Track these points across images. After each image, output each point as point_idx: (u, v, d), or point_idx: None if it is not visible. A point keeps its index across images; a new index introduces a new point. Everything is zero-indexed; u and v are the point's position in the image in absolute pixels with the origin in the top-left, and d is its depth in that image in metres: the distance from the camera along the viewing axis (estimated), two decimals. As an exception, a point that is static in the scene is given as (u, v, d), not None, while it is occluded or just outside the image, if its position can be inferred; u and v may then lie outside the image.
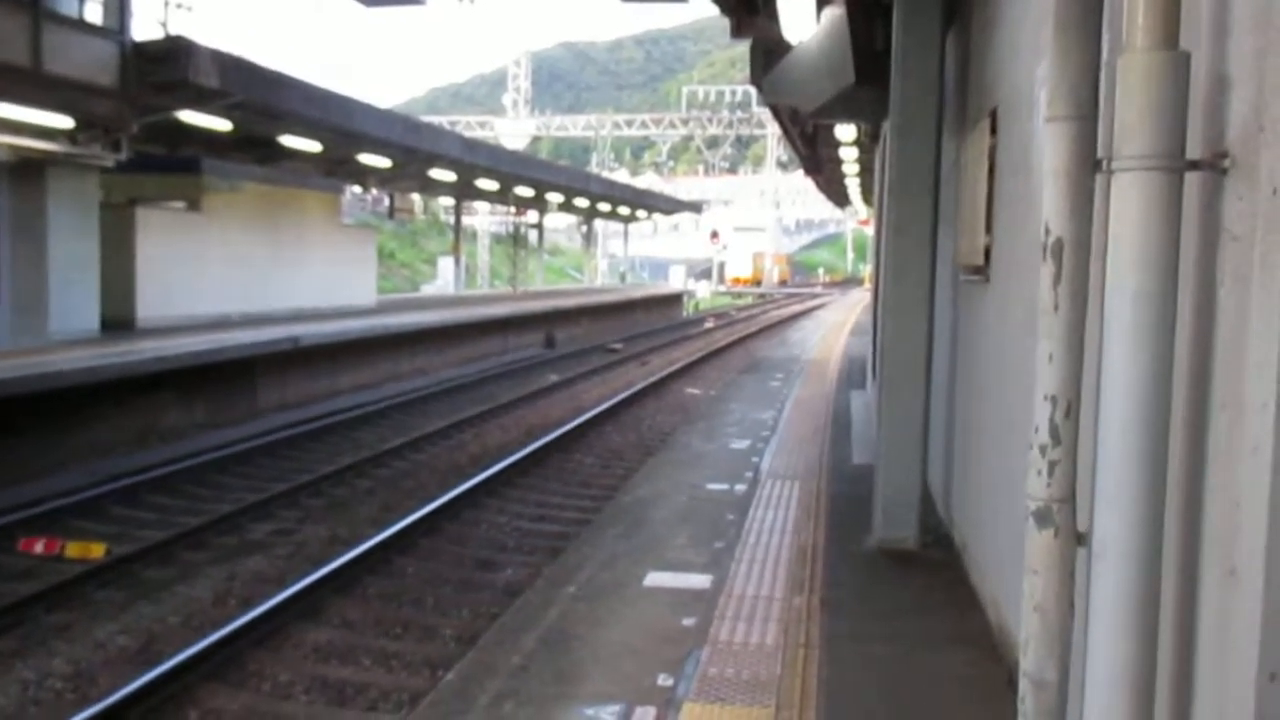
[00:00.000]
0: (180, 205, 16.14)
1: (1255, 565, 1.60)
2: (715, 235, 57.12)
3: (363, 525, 8.24)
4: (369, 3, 8.94)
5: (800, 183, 59.13)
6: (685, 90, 70.02)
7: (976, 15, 5.48)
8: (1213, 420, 1.83)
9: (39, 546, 7.42)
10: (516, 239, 38.94)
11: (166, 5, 15.55)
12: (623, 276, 51.10)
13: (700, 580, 5.01)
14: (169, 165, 16.41)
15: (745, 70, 10.23)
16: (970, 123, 5.41)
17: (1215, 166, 1.80)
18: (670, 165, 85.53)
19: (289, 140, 17.07)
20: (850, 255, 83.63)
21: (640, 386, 16.43)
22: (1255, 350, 1.64)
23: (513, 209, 35.40)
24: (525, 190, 29.47)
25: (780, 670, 3.89)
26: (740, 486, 7.11)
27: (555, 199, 33.01)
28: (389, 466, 10.66)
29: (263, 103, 14.35)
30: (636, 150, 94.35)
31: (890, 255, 5.76)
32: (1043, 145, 2.11)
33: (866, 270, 53.64)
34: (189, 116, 13.93)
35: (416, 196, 34.35)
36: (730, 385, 14.19)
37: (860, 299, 38.77)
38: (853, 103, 7.65)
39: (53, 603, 6.35)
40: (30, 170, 12.20)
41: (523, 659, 4.04)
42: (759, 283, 64.04)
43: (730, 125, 59.16)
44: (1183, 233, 1.83)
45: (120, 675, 5.27)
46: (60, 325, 12.58)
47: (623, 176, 64.52)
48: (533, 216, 37.84)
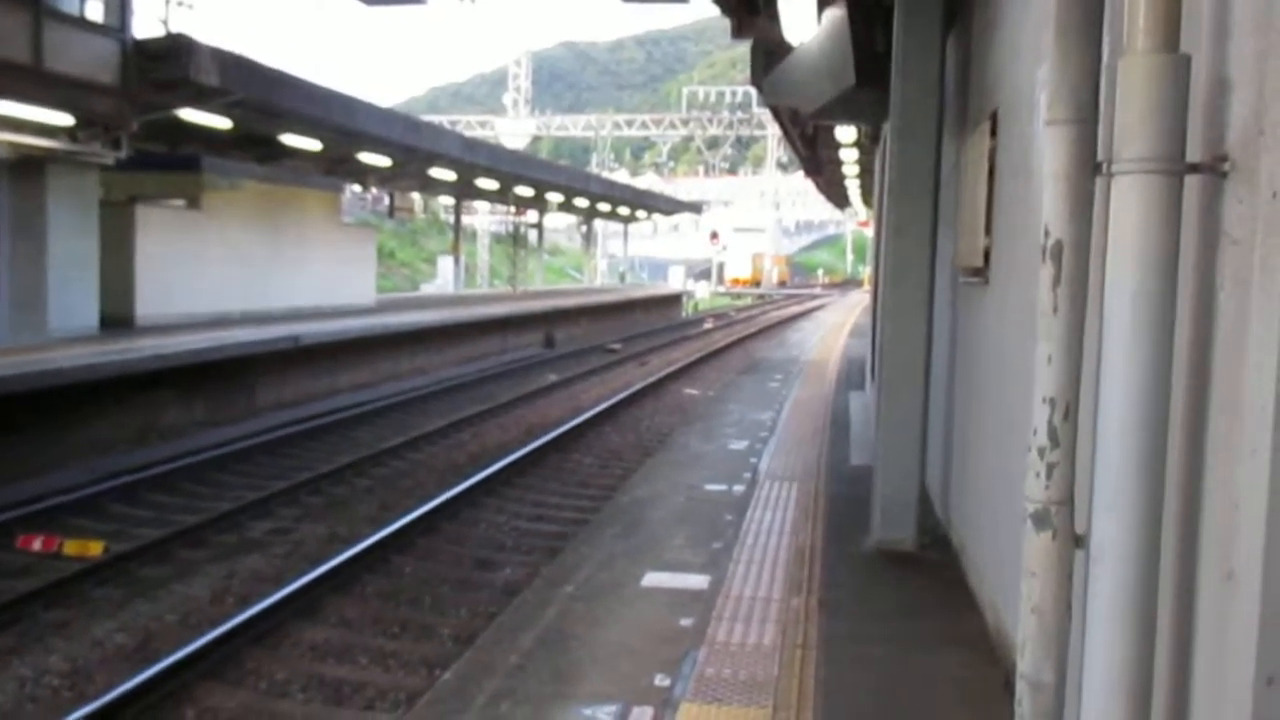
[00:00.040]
0: (180, 203, 16.13)
1: (1253, 568, 1.60)
2: (715, 236, 57.14)
3: (361, 524, 8.24)
4: (370, 1, 8.94)
5: (800, 184, 59.16)
6: (686, 91, 70.07)
7: (977, 17, 5.49)
8: (1211, 423, 1.83)
9: (37, 544, 7.42)
10: (516, 238, 38.93)
11: (167, 3, 15.52)
12: (622, 277, 51.10)
13: (698, 581, 5.01)
14: (169, 163, 16.40)
15: (746, 71, 10.23)
16: (970, 125, 5.42)
17: (1215, 170, 1.80)
18: (670, 166, 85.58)
19: (289, 139, 17.06)
20: (850, 257, 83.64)
21: (639, 387, 16.42)
22: (1254, 353, 1.64)
23: (512, 209, 35.40)
24: (525, 190, 29.47)
25: (777, 671, 3.89)
26: (738, 487, 7.11)
27: (555, 199, 33.01)
28: (388, 465, 10.66)
29: (263, 101, 14.35)
30: (637, 150, 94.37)
31: (890, 257, 5.77)
32: (1043, 148, 2.12)
33: (866, 272, 53.69)
34: (189, 114, 13.92)
35: (416, 196, 34.35)
36: (729, 386, 14.19)
37: (859, 300, 38.75)
38: (853, 104, 7.66)
39: (50, 600, 6.34)
40: (30, 168, 12.20)
41: (520, 659, 4.04)
42: (758, 284, 64.03)
43: (730, 126, 59.21)
44: (1182, 236, 1.83)
45: (117, 673, 5.28)
46: (60, 323, 12.58)
47: (623, 177, 64.51)
48: (532, 216, 37.85)
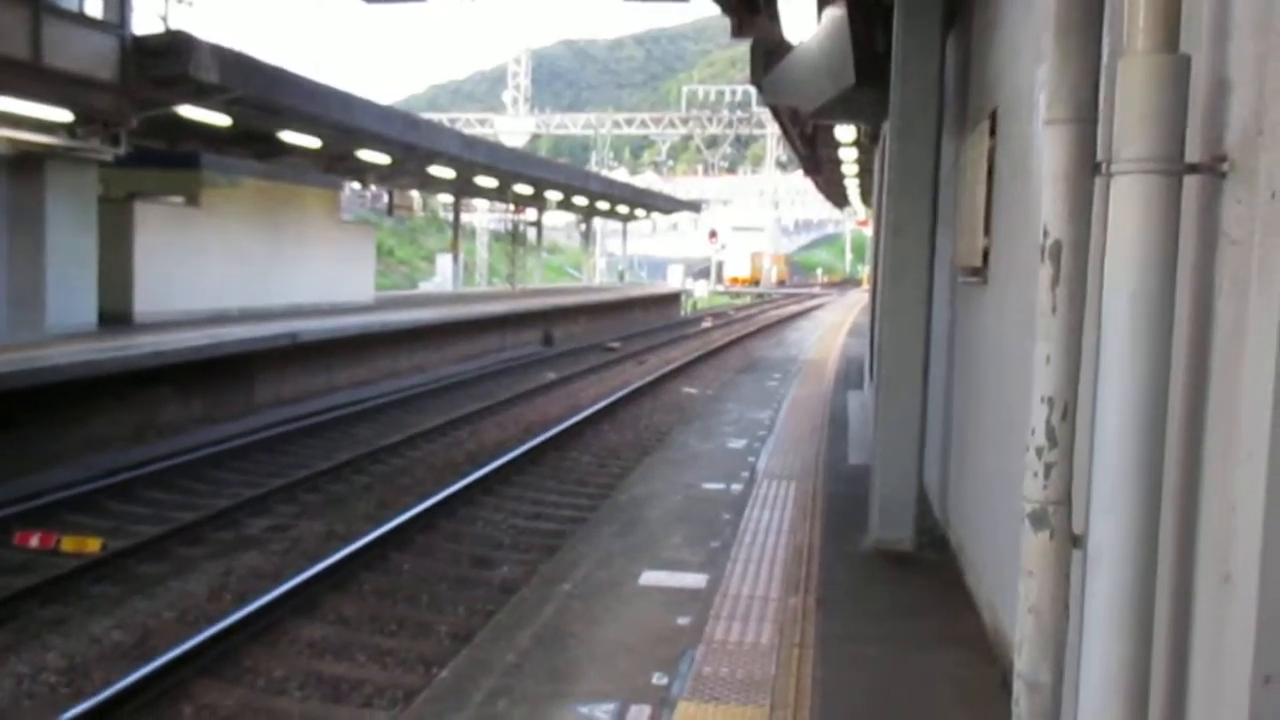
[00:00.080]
0: (179, 200, 16.11)
1: (1250, 569, 1.61)
2: (714, 235, 57.17)
3: (359, 521, 8.24)
4: (370, -2, 8.94)
5: (799, 183, 59.13)
6: (685, 89, 70.00)
7: (977, 17, 5.49)
8: (1209, 424, 1.83)
9: (35, 540, 7.42)
10: (515, 237, 38.91)
11: (167, 0, 15.52)
12: (621, 275, 51.08)
13: (696, 579, 5.01)
14: (168, 160, 16.38)
15: (745, 70, 10.22)
16: (970, 124, 5.42)
17: (1214, 170, 1.80)
18: (669, 164, 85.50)
19: (288, 136, 17.04)
20: (849, 256, 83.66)
21: (637, 385, 16.42)
22: (1252, 354, 1.64)
23: (512, 206, 35.39)
24: (524, 188, 29.46)
25: (775, 670, 3.89)
26: (736, 486, 7.11)
27: (554, 197, 32.99)
28: (386, 463, 10.65)
29: (262, 98, 14.33)
30: (636, 149, 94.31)
31: (889, 256, 5.77)
32: (1042, 147, 2.12)
33: (865, 271, 53.66)
34: (188, 111, 13.91)
35: (415, 193, 34.31)
36: (727, 385, 14.19)
37: (858, 300, 38.75)
38: (852, 103, 7.66)
39: (48, 597, 6.34)
40: (29, 164, 12.18)
41: (517, 657, 4.04)
42: (757, 283, 64.04)
43: (730, 125, 59.16)
44: (1181, 236, 1.83)
45: (114, 670, 5.27)
46: (58, 320, 12.56)
47: (622, 175, 64.49)
48: (531, 214, 37.83)
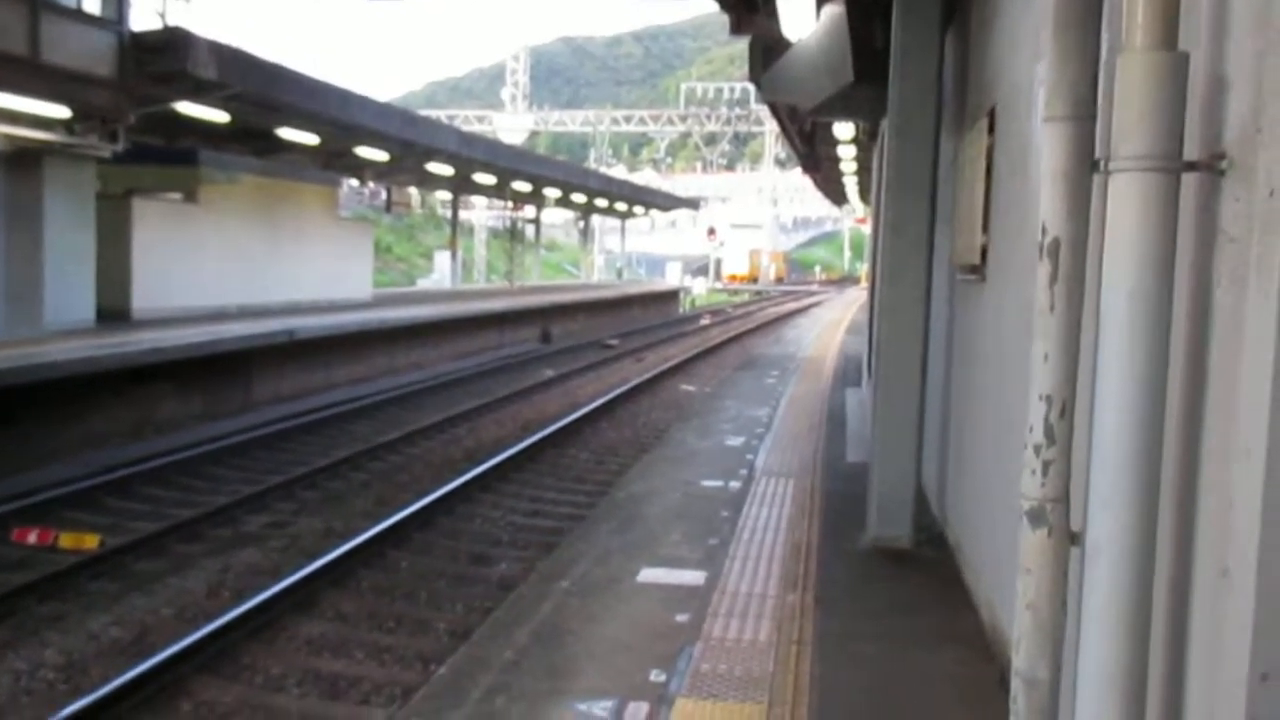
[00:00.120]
0: (177, 197, 16.09)
1: (1248, 566, 1.61)
2: (712, 232, 57.20)
3: (357, 518, 8.24)
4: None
5: (798, 180, 59.10)
6: (684, 87, 69.90)
7: (975, 14, 5.49)
8: (1207, 421, 1.84)
9: (32, 537, 7.41)
10: (513, 234, 38.88)
11: (164, -4, 15.51)
12: (619, 273, 51.08)
13: (694, 576, 5.01)
14: (166, 156, 16.36)
15: (744, 67, 10.22)
16: (968, 122, 5.42)
17: (1213, 168, 1.80)
18: (668, 162, 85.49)
19: (286, 132, 17.02)
20: (847, 253, 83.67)
21: (636, 382, 16.42)
22: (1250, 351, 1.64)
23: (510, 204, 35.37)
24: (523, 185, 29.45)
25: (773, 667, 3.90)
26: (735, 483, 7.11)
27: (553, 194, 32.98)
28: (384, 460, 10.65)
29: (260, 95, 14.31)
30: (634, 146, 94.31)
31: (887, 254, 5.77)
32: (1041, 145, 2.12)
33: (863, 269, 53.70)
34: (186, 108, 13.88)
35: (414, 190, 34.29)
36: (725, 382, 14.20)
37: (857, 297, 38.78)
38: (851, 101, 7.66)
39: (45, 593, 6.34)
40: (27, 160, 12.16)
41: (515, 654, 4.04)
42: (755, 280, 64.06)
43: (728, 122, 59.16)
44: (1179, 234, 1.83)
45: (112, 667, 5.27)
46: (56, 316, 12.54)
47: (620, 172, 64.52)
48: (530, 211, 37.81)
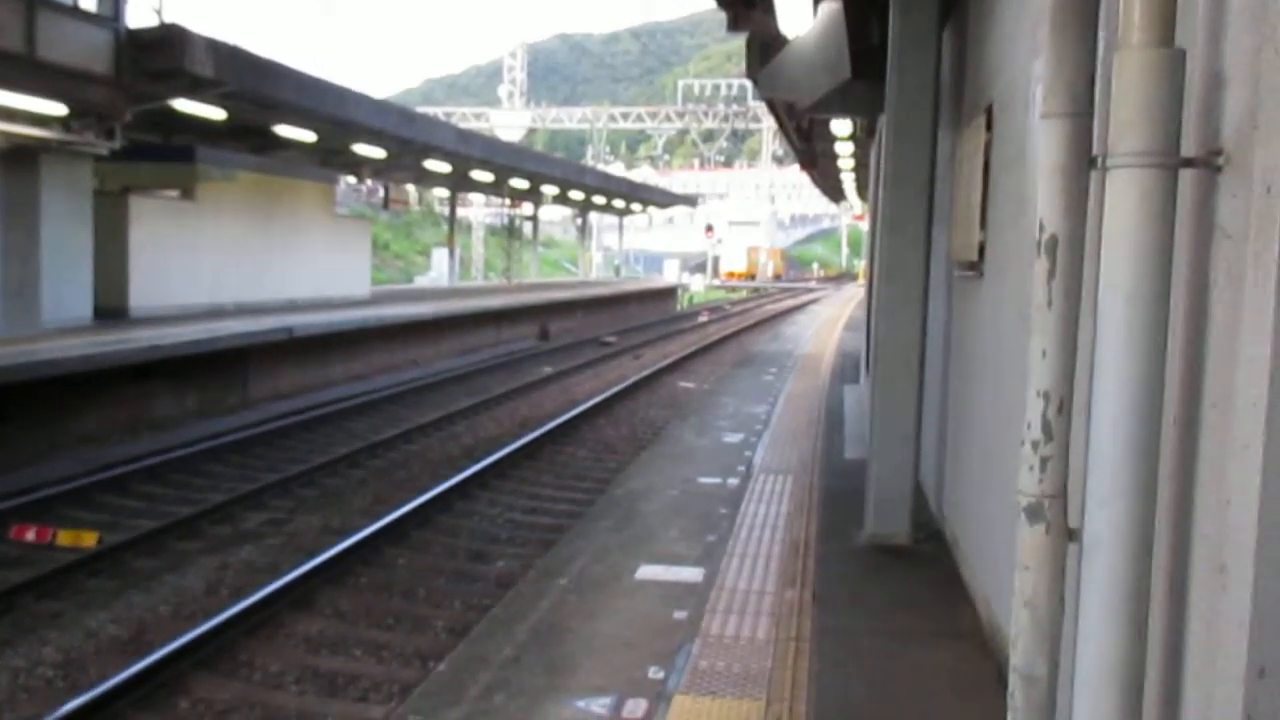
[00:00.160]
0: (174, 194, 16.07)
1: (1245, 562, 1.61)
2: (710, 229, 57.15)
3: (355, 516, 8.24)
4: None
5: (795, 177, 59.18)
6: (681, 83, 69.81)
7: (973, 10, 5.48)
8: (1204, 417, 1.84)
9: (30, 534, 7.41)
10: (511, 231, 38.88)
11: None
12: (617, 270, 51.08)
13: (692, 574, 5.02)
14: (163, 154, 16.34)
15: (741, 64, 10.21)
16: (966, 118, 5.42)
17: (1209, 164, 1.80)
18: (666, 159, 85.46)
19: (284, 130, 17.00)
20: (845, 250, 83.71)
21: (634, 380, 16.42)
22: (1247, 348, 1.64)
23: (508, 201, 35.35)
24: (520, 182, 29.43)
25: (771, 664, 3.90)
26: (733, 480, 7.12)
27: (550, 191, 32.97)
28: (382, 457, 10.65)
29: (257, 92, 14.28)
30: (632, 143, 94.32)
31: (885, 250, 5.77)
32: (1038, 141, 2.11)
33: (861, 265, 53.72)
34: (183, 105, 13.86)
35: (411, 187, 34.30)
36: (724, 379, 14.20)
37: (855, 294, 38.79)
38: (849, 97, 7.65)
39: (44, 591, 6.34)
40: (24, 157, 12.14)
41: (514, 651, 4.05)
42: (753, 277, 64.10)
43: (726, 119, 59.01)
44: (1176, 230, 1.83)
45: (111, 664, 5.27)
46: (53, 314, 12.53)
47: (618, 169, 64.48)
48: (527, 209, 37.81)
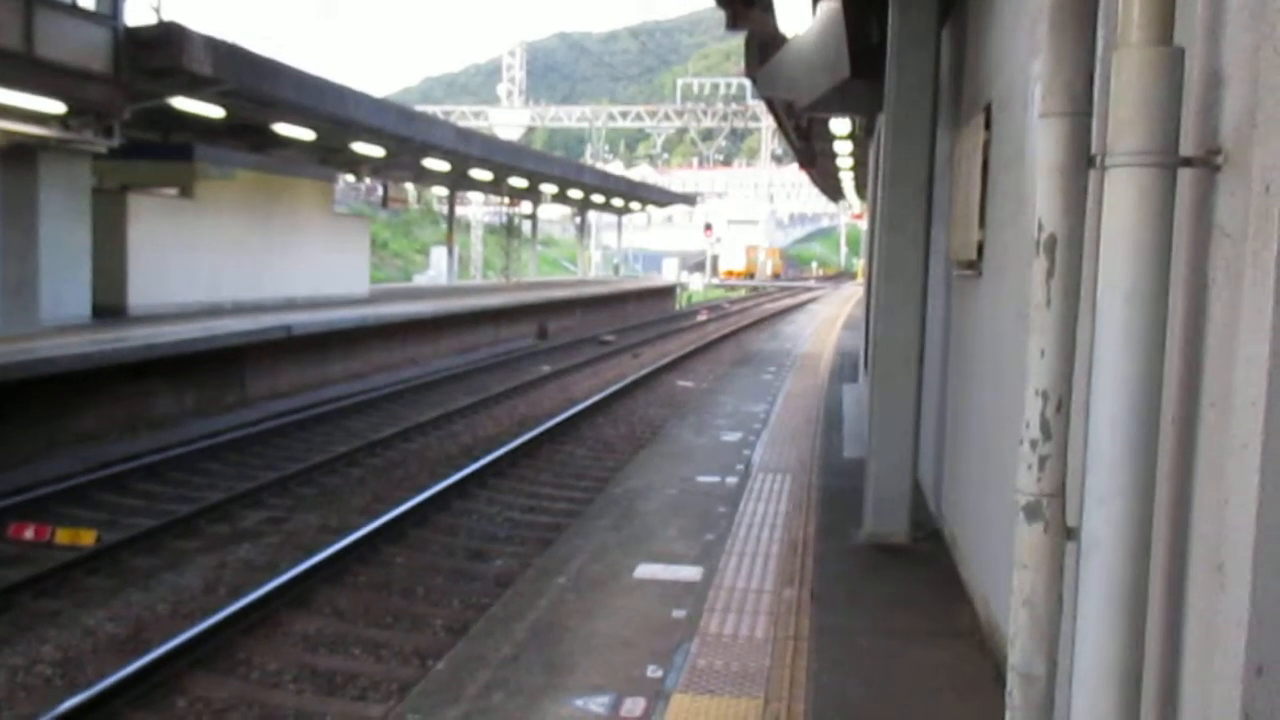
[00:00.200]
0: (172, 192, 16.07)
1: (1243, 561, 1.61)
2: (709, 228, 57.16)
3: (353, 514, 8.24)
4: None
5: (794, 176, 59.23)
6: (680, 82, 69.75)
7: (972, 9, 5.48)
8: (1202, 417, 1.84)
9: (28, 533, 7.40)
10: (510, 230, 38.85)
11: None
12: (616, 268, 51.08)
13: (691, 572, 5.02)
14: (162, 152, 16.34)
15: (740, 63, 10.21)
16: (965, 117, 5.42)
17: (1208, 163, 1.80)
18: (664, 157, 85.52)
19: (282, 128, 16.99)
20: (844, 249, 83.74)
21: (632, 378, 16.42)
22: (1245, 347, 1.64)
23: (506, 200, 35.34)
24: (519, 181, 29.41)
25: (769, 662, 3.90)
26: (731, 479, 7.12)
27: (549, 190, 32.96)
28: (380, 456, 10.65)
29: (256, 90, 14.27)
30: (631, 142, 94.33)
31: (883, 249, 5.77)
32: (1037, 140, 2.11)
33: (860, 264, 53.73)
34: (182, 103, 13.86)
35: (410, 186, 34.27)
36: (722, 378, 14.20)
37: (853, 293, 38.81)
38: (848, 96, 7.65)
39: (42, 589, 6.34)
40: (22, 155, 12.13)
41: (513, 649, 4.05)
42: (752, 276, 64.12)
43: (725, 118, 58.99)
44: (1175, 229, 1.83)
45: (109, 662, 5.27)
46: (51, 312, 12.53)
47: (617, 168, 64.47)
48: (526, 207, 37.80)
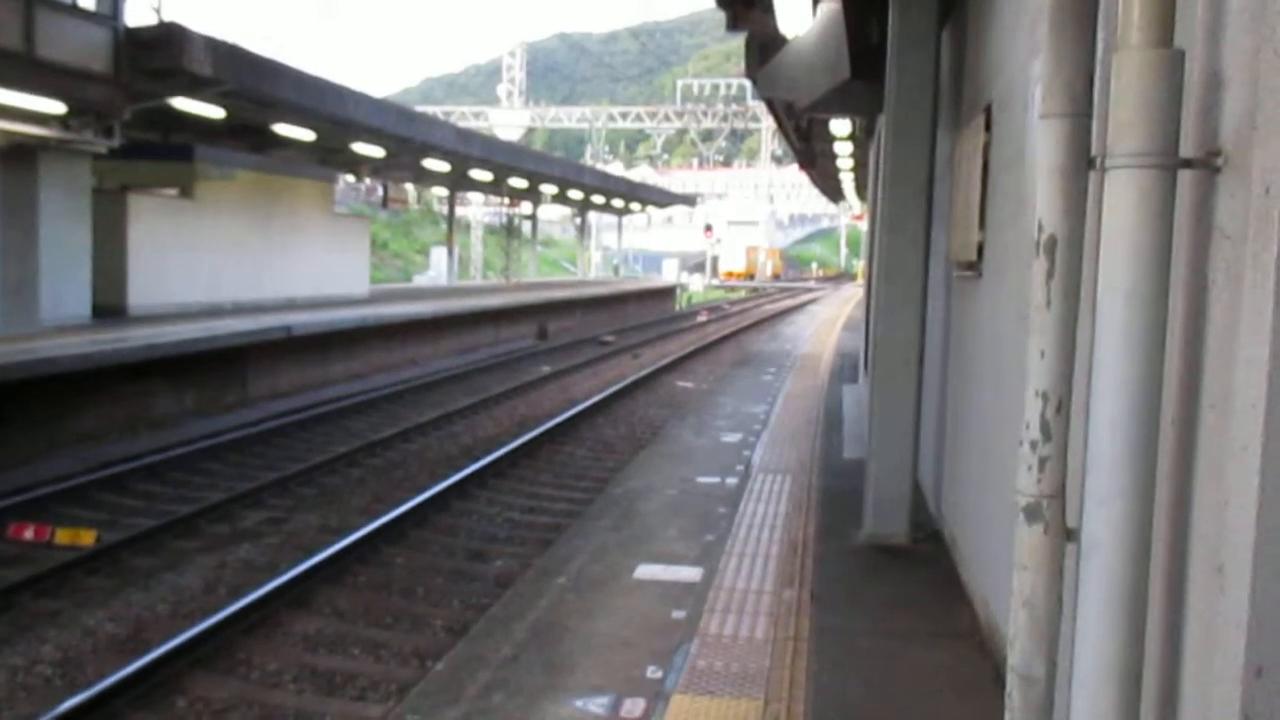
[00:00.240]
0: (173, 192, 16.07)
1: (1243, 562, 1.61)
2: (709, 229, 57.15)
3: (353, 515, 8.24)
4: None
5: (795, 177, 59.25)
6: (680, 83, 69.80)
7: (972, 10, 5.48)
8: (1202, 418, 1.84)
9: (28, 533, 7.40)
10: (510, 230, 38.85)
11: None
12: (616, 269, 51.08)
13: (690, 573, 5.02)
14: (162, 152, 16.35)
15: (741, 63, 10.21)
16: (965, 118, 5.42)
17: (1208, 165, 1.80)
18: (665, 158, 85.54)
19: (282, 128, 17.00)
20: (844, 250, 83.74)
21: (632, 379, 16.41)
22: (1245, 349, 1.65)
23: (506, 200, 35.34)
24: (519, 181, 29.42)
25: (769, 663, 3.90)
26: (731, 480, 7.12)
27: (549, 190, 32.96)
28: (380, 456, 10.65)
29: (256, 90, 14.28)
30: (631, 143, 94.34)
31: (884, 250, 5.77)
32: (1037, 141, 2.12)
33: (860, 265, 53.73)
34: (182, 103, 13.87)
35: (410, 186, 34.27)
36: (722, 379, 14.20)
37: (853, 294, 38.82)
38: (848, 97, 7.65)
39: (42, 589, 6.34)
40: (22, 155, 12.14)
41: (513, 650, 4.05)
42: (752, 276, 64.13)
43: (725, 118, 58.99)
44: (1175, 231, 1.83)
45: (109, 662, 5.27)
46: (52, 312, 12.53)
47: (617, 169, 64.50)
48: (526, 208, 37.80)
